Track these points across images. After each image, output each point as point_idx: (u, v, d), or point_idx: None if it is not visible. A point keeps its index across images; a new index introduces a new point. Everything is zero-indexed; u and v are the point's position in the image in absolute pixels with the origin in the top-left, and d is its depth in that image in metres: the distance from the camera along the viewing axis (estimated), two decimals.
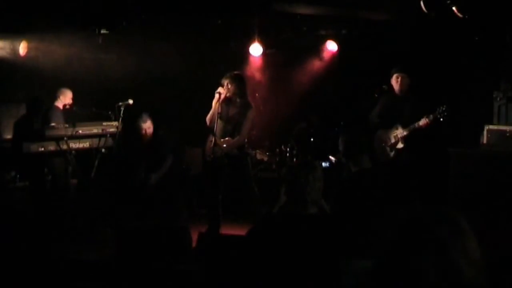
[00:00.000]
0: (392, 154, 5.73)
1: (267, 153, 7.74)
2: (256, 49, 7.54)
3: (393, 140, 5.71)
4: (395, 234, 1.28)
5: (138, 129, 6.11)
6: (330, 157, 7.58)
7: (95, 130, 6.34)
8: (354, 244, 3.55)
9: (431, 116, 5.35)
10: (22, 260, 4.37)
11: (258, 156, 7.69)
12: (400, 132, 5.65)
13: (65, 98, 6.70)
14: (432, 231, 1.23)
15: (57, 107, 6.61)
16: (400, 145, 5.66)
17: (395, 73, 5.74)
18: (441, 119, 5.31)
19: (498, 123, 5.93)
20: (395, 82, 5.74)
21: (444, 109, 5.29)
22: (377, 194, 3.57)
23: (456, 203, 5.03)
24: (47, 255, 4.75)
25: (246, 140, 5.70)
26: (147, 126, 6.15)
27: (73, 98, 6.74)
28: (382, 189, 3.62)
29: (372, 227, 3.52)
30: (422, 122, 5.42)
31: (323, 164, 7.63)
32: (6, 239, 4.82)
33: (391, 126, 5.75)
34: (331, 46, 7.65)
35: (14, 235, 4.90)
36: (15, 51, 6.71)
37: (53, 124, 6.15)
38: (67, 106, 6.72)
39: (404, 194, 5.03)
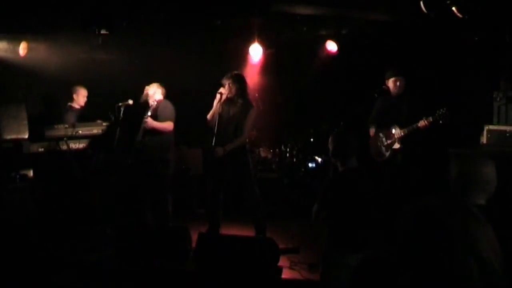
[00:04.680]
0: (387, 154, 5.76)
1: (271, 150, 7.74)
2: (256, 49, 7.54)
3: (389, 140, 5.73)
4: (418, 228, 1.22)
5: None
6: (316, 157, 7.59)
7: (95, 130, 6.35)
8: (345, 239, 3.59)
9: (431, 118, 5.35)
10: (22, 260, 4.37)
11: (263, 154, 7.71)
12: (397, 132, 5.67)
13: (78, 97, 6.76)
14: (463, 223, 1.17)
15: (71, 107, 6.70)
16: (396, 145, 5.69)
17: (392, 76, 5.78)
18: (441, 122, 5.31)
19: (498, 123, 5.92)
20: (393, 85, 5.78)
21: (444, 111, 5.28)
22: (362, 192, 3.63)
23: None
24: (47, 255, 4.75)
25: (247, 140, 5.71)
26: (148, 91, 5.99)
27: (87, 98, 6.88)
28: (368, 186, 3.68)
29: (363, 223, 3.55)
30: (421, 123, 5.42)
31: (310, 164, 7.65)
32: (6, 239, 4.82)
33: (388, 126, 5.77)
34: (331, 46, 7.65)
35: (14, 235, 4.90)
36: (15, 52, 6.71)
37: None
38: (77, 106, 6.77)
39: (398, 193, 5.05)
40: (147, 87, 6.06)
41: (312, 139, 7.97)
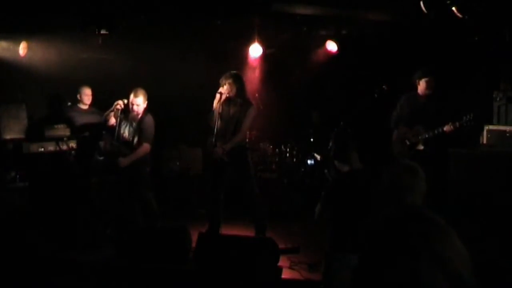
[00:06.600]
0: (409, 154, 5.69)
1: (271, 146, 7.73)
2: (256, 49, 7.55)
3: (414, 140, 5.69)
4: (381, 237, 1.24)
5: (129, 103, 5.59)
6: (315, 154, 7.58)
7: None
8: (347, 240, 3.60)
9: (457, 123, 5.33)
10: (21, 260, 4.36)
11: (262, 146, 7.69)
12: (422, 133, 5.62)
13: (82, 97, 6.74)
14: (424, 233, 1.17)
15: (78, 107, 6.70)
16: (420, 147, 5.65)
17: (424, 76, 5.71)
18: (466, 127, 5.31)
19: (498, 123, 5.92)
20: (426, 85, 5.69)
21: (471, 117, 5.27)
22: (365, 192, 3.63)
23: (456, 203, 5.03)
24: (47, 255, 4.74)
25: (247, 139, 5.70)
26: (137, 102, 5.56)
27: (92, 98, 6.76)
28: (370, 187, 3.68)
29: (361, 225, 3.56)
30: (447, 128, 5.39)
31: (308, 161, 7.65)
32: (6, 239, 4.82)
33: (412, 125, 5.72)
34: (331, 46, 7.65)
35: (14, 235, 4.90)
36: (15, 52, 6.72)
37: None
38: (83, 107, 6.75)
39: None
40: (136, 98, 5.59)
41: (312, 139, 7.97)
